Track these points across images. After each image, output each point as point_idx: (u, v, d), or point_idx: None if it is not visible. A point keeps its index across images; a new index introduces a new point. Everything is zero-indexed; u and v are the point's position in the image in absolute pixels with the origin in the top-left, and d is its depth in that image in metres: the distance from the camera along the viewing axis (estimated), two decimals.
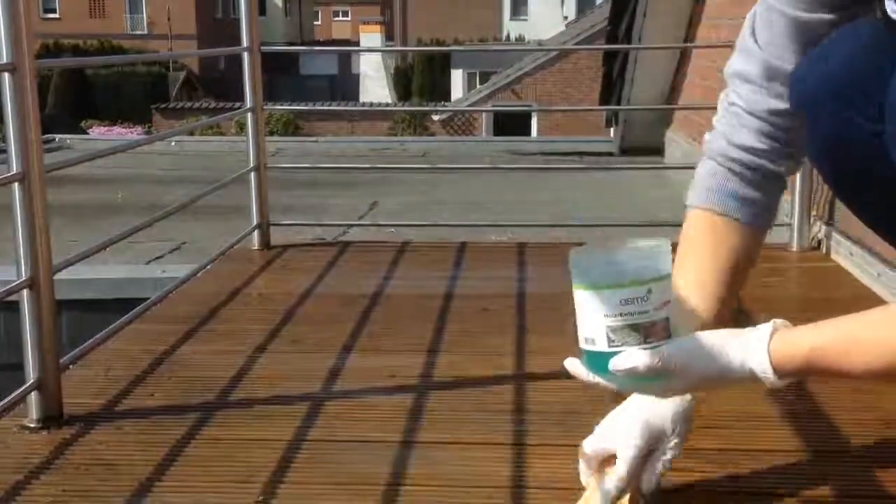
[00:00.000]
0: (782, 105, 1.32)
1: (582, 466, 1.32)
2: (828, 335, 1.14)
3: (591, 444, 1.31)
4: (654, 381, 1.18)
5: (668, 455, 1.29)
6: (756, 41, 1.33)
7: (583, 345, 1.23)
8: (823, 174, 1.37)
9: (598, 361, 1.20)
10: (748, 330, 1.17)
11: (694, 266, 1.36)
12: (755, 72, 1.33)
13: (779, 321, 1.17)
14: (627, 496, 1.28)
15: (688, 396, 1.30)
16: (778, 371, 1.13)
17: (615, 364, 1.18)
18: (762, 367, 1.14)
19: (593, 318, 1.19)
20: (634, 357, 1.16)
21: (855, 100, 1.20)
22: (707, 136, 1.41)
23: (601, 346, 1.19)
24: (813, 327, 1.15)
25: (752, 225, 1.37)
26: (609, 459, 1.29)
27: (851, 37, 1.22)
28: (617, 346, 1.18)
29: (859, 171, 1.23)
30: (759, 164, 1.36)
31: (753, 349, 1.15)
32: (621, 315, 1.17)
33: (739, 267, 1.38)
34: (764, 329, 1.16)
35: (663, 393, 1.23)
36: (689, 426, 1.30)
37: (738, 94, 1.36)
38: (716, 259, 1.37)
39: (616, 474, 1.27)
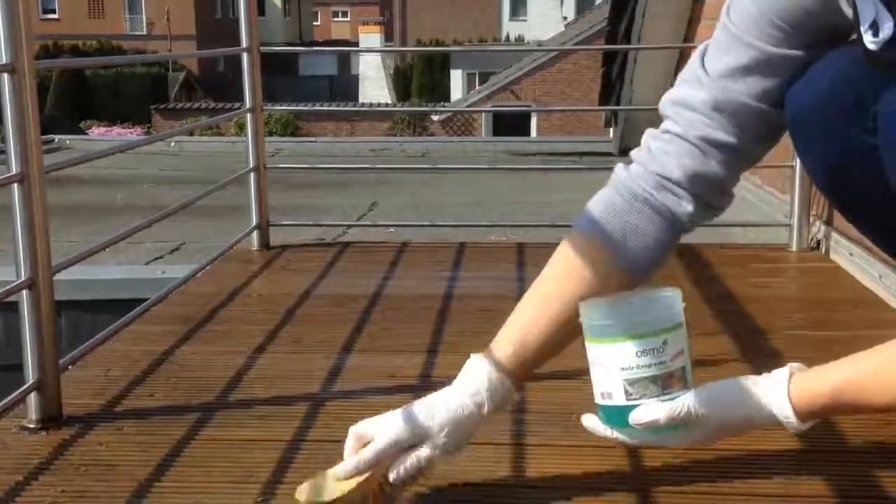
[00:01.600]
0: (723, 137, 1.24)
1: (347, 444, 1.28)
2: (847, 374, 1.12)
3: (361, 426, 1.28)
4: (674, 431, 1.17)
5: (423, 454, 1.24)
6: (706, 71, 1.26)
7: (599, 400, 1.21)
8: (823, 190, 1.34)
9: (616, 416, 1.19)
10: (765, 376, 1.16)
11: (548, 297, 1.33)
12: (701, 100, 1.25)
13: (795, 365, 1.16)
14: (358, 480, 1.23)
15: (467, 410, 1.27)
16: (800, 415, 1.12)
17: (636, 418, 1.16)
18: (783, 412, 1.13)
19: (609, 371, 1.17)
20: (655, 410, 1.15)
21: (851, 113, 1.17)
22: (617, 167, 1.33)
23: (619, 399, 1.17)
24: (831, 367, 1.14)
25: (627, 270, 1.28)
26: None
27: (842, 55, 1.19)
28: (635, 399, 1.16)
29: (858, 185, 1.22)
30: (665, 200, 1.27)
31: (773, 395, 1.13)
32: (638, 367, 1.15)
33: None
34: (782, 374, 1.15)
35: (684, 443, 1.21)
36: (460, 440, 1.27)
37: (676, 121, 1.28)
38: (573, 300, 1.28)
39: (357, 457, 1.24)
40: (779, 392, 1.14)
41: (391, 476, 1.25)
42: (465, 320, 2.24)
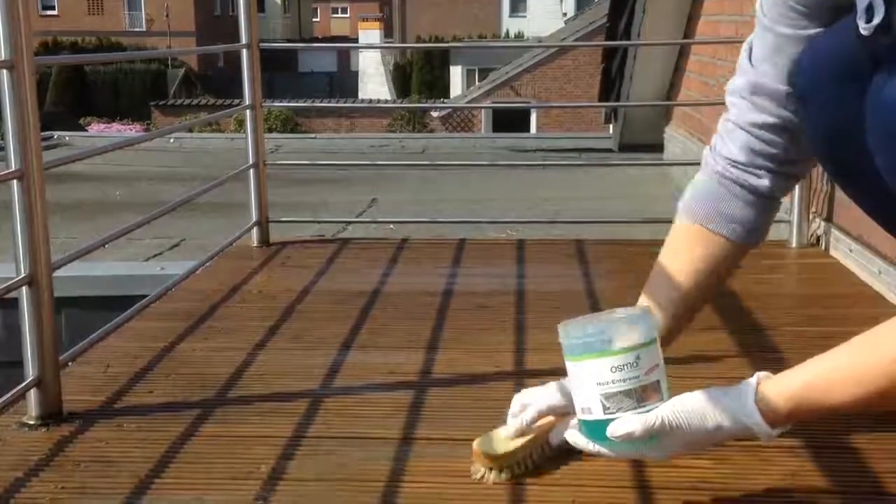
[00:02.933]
0: (765, 118, 1.37)
1: (511, 409, 1.40)
2: (808, 374, 1.16)
3: (523, 394, 1.41)
4: (651, 443, 1.21)
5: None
6: (750, 60, 1.38)
7: (580, 415, 1.27)
8: (822, 161, 1.39)
9: (595, 430, 1.24)
10: (735, 386, 1.20)
11: (671, 269, 1.43)
12: (743, 86, 1.39)
13: (762, 374, 1.20)
14: (523, 441, 1.37)
15: None
16: (769, 421, 1.16)
17: (612, 430, 1.21)
18: (753, 420, 1.16)
19: (587, 387, 1.24)
20: (631, 422, 1.20)
21: (848, 85, 1.22)
22: (705, 151, 1.46)
23: (597, 414, 1.23)
24: (793, 371, 1.18)
25: (735, 242, 1.44)
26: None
27: (843, 28, 1.23)
28: (612, 412, 1.22)
29: (857, 154, 1.23)
30: (744, 179, 1.41)
31: (742, 403, 1.17)
32: (613, 382, 1.21)
33: (714, 277, 1.45)
34: (749, 382, 1.19)
35: (663, 454, 1.24)
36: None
37: (731, 109, 1.42)
38: (693, 264, 1.44)
39: (519, 418, 1.37)
40: (747, 400, 1.17)
41: (552, 439, 1.39)
42: (465, 317, 2.24)
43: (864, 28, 1.12)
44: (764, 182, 1.40)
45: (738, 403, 1.17)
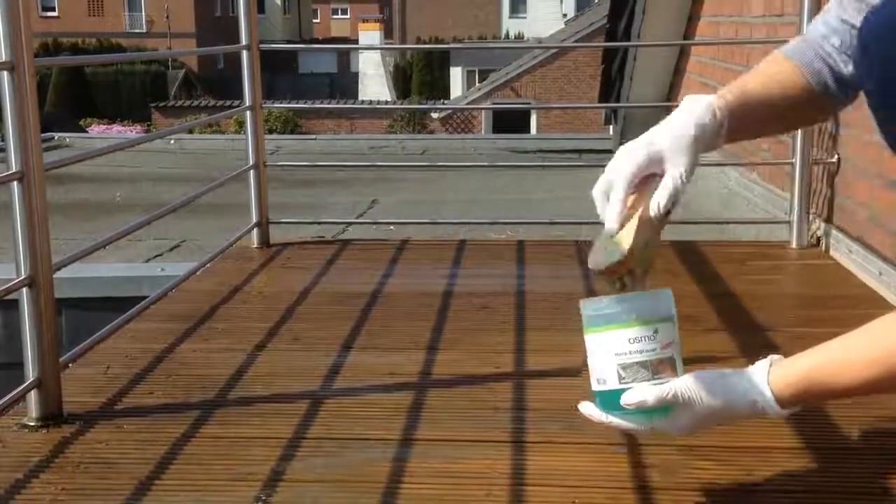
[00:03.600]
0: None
1: (597, 203, 1.28)
2: (819, 357, 1.17)
3: (599, 183, 1.28)
4: (663, 415, 1.23)
5: (670, 176, 1.24)
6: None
7: (595, 386, 1.28)
8: (876, 108, 1.35)
9: (610, 399, 1.26)
10: (748, 367, 1.21)
11: (758, 81, 1.35)
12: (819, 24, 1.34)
13: (775, 356, 1.21)
14: (630, 228, 1.23)
15: (690, 127, 1.26)
16: (780, 400, 1.17)
17: (626, 399, 1.23)
18: (764, 397, 1.18)
19: (604, 358, 1.26)
20: (645, 391, 1.22)
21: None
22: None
23: (612, 384, 1.25)
24: (805, 353, 1.19)
25: (826, 94, 1.35)
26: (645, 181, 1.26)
27: None
28: (627, 382, 1.24)
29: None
30: (833, 57, 1.33)
31: (754, 382, 1.19)
32: (630, 353, 1.24)
33: (799, 111, 1.37)
34: (762, 363, 1.20)
35: (675, 428, 1.25)
36: (690, 158, 1.26)
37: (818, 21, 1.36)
38: (783, 90, 1.35)
39: (609, 204, 1.25)
40: (759, 380, 1.19)
41: (652, 209, 1.24)
42: (465, 317, 2.24)
43: None
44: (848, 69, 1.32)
45: (750, 382, 1.19)
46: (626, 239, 1.23)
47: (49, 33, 32.33)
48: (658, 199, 1.24)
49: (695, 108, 1.29)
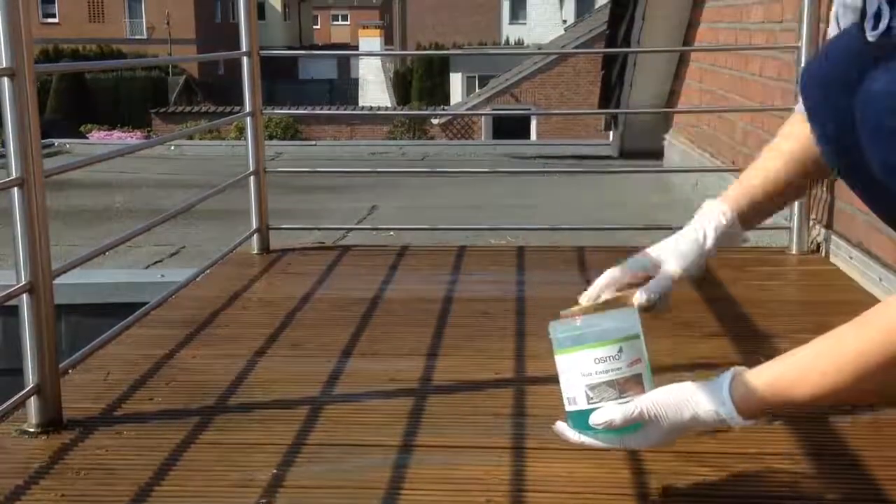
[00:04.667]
0: None
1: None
2: (777, 369, 1.19)
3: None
4: (633, 432, 1.26)
5: (659, 278, 1.37)
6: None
7: (566, 406, 1.32)
8: (827, 160, 1.38)
9: (580, 419, 1.30)
10: (712, 379, 1.23)
11: (774, 155, 1.42)
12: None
13: (739, 368, 1.23)
14: (601, 302, 1.38)
15: (690, 239, 1.40)
16: (742, 412, 1.19)
17: (594, 419, 1.27)
18: (726, 410, 1.20)
19: (573, 379, 1.30)
20: (611, 411, 1.25)
21: (846, 88, 1.22)
22: None
23: (581, 404, 1.29)
24: (765, 366, 1.20)
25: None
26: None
27: (852, 33, 1.23)
28: (595, 402, 1.27)
29: (861, 157, 1.24)
30: None
31: (717, 395, 1.21)
32: (597, 373, 1.27)
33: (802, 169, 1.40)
34: (726, 375, 1.22)
35: (646, 443, 1.28)
36: (688, 265, 1.39)
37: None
38: (791, 157, 1.40)
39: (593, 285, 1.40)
40: (721, 391, 1.20)
41: (635, 299, 1.37)
42: (466, 323, 2.24)
43: (870, 35, 1.13)
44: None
45: (713, 394, 1.21)
46: (591, 309, 1.36)
47: (50, 39, 32.34)
48: (642, 291, 1.37)
49: (703, 219, 1.41)
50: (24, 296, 1.58)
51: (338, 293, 2.54)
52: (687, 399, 1.23)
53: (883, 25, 1.11)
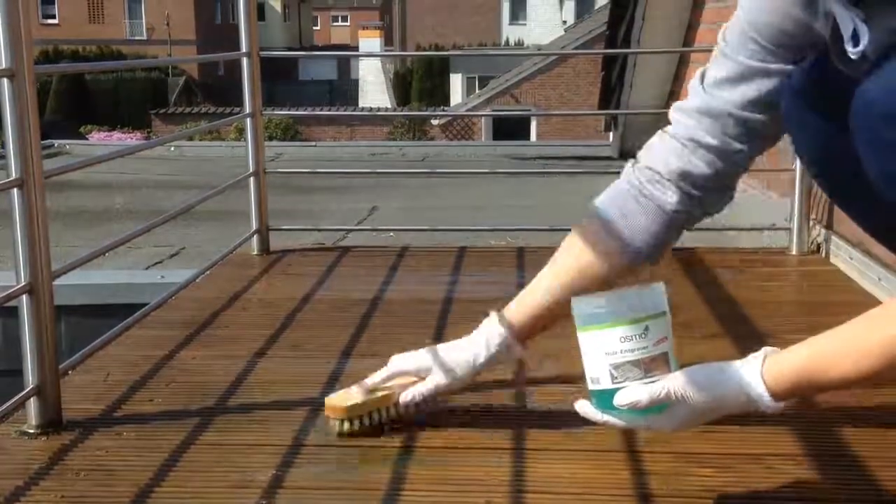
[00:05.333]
0: (706, 139, 1.40)
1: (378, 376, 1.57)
2: (816, 348, 1.18)
3: (392, 360, 1.58)
4: (658, 412, 1.24)
5: (423, 385, 1.54)
6: (702, 83, 1.43)
7: (589, 385, 1.30)
8: (818, 182, 1.41)
9: (604, 399, 1.27)
10: (744, 359, 1.22)
11: (559, 265, 1.54)
12: (693, 106, 1.43)
13: (769, 348, 1.22)
14: (375, 396, 1.55)
15: (463, 357, 1.55)
16: (773, 393, 1.18)
17: (619, 399, 1.25)
18: (757, 391, 1.19)
19: (597, 358, 1.27)
20: (637, 392, 1.23)
21: (827, 110, 1.25)
22: (628, 162, 1.52)
23: (605, 384, 1.26)
24: (798, 347, 1.20)
25: (623, 255, 1.47)
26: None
27: (822, 60, 1.26)
28: (620, 382, 1.24)
29: (849, 173, 1.24)
30: (650, 190, 1.44)
31: (748, 375, 1.19)
32: (621, 352, 1.24)
33: (595, 283, 1.47)
34: (757, 355, 1.21)
35: (670, 425, 1.26)
36: (454, 380, 1.55)
37: (673, 124, 1.45)
38: (579, 269, 1.50)
39: (371, 377, 1.56)
40: (753, 372, 1.19)
41: (400, 398, 1.55)
42: (465, 324, 2.22)
43: (852, 53, 1.15)
44: (671, 199, 1.43)
45: (743, 376, 1.19)
46: (357, 399, 1.54)
47: (49, 40, 32.35)
48: (405, 395, 1.55)
49: (481, 339, 1.55)
50: (24, 297, 1.58)
51: (338, 294, 2.54)
52: (716, 379, 1.21)
53: (863, 43, 1.13)
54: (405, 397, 1.54)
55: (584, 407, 1.33)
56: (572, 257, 1.50)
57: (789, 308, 2.44)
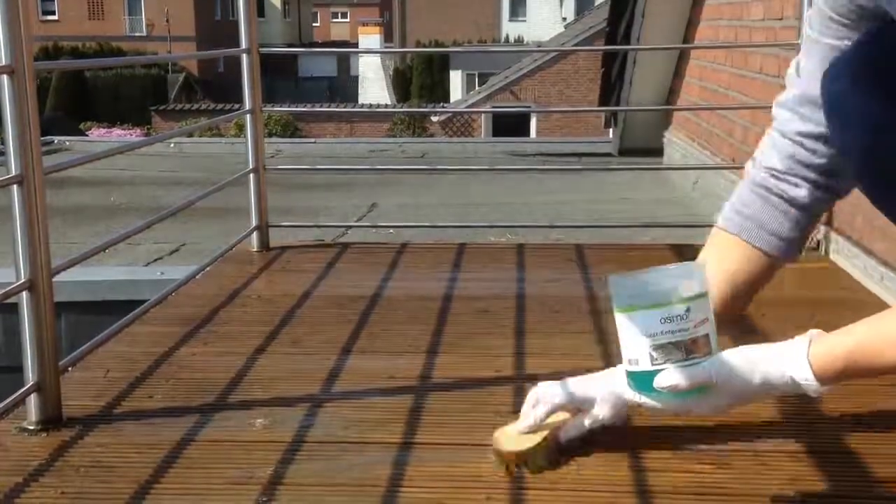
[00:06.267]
0: (811, 127, 1.37)
1: (525, 403, 1.43)
2: (862, 335, 1.16)
3: (538, 388, 1.42)
4: (698, 396, 1.22)
5: (585, 420, 1.38)
6: (798, 71, 1.40)
7: (627, 367, 1.27)
8: (863, 185, 1.36)
9: (642, 381, 1.24)
10: (785, 342, 1.20)
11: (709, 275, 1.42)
12: (791, 97, 1.40)
13: (814, 331, 1.21)
14: (542, 435, 1.39)
15: (620, 389, 1.37)
16: (819, 377, 1.16)
17: (659, 382, 1.22)
18: (803, 375, 1.17)
19: (635, 339, 1.23)
20: (677, 375, 1.21)
21: (875, 94, 1.21)
22: (748, 162, 1.48)
23: (644, 365, 1.23)
24: (846, 331, 1.18)
25: (770, 254, 1.43)
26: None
27: (877, 33, 1.23)
28: (660, 363, 1.22)
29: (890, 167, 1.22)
30: (781, 189, 1.40)
31: (793, 359, 1.18)
32: (662, 333, 1.21)
33: (744, 288, 1.44)
34: (802, 339, 1.20)
35: (709, 408, 1.24)
36: (614, 414, 1.37)
37: (776, 119, 1.43)
38: (726, 274, 1.42)
39: (532, 415, 1.40)
40: (798, 356, 1.17)
41: (561, 435, 1.40)
42: (465, 321, 2.24)
43: None
44: (801, 192, 1.40)
45: (788, 358, 1.18)
46: (530, 441, 1.38)
47: (49, 37, 32.33)
48: (566, 435, 1.40)
49: (613, 371, 1.38)
50: (24, 293, 1.58)
51: (337, 290, 2.54)
52: (758, 362, 1.19)
53: None
54: (563, 434, 1.42)
55: (619, 388, 1.31)
56: (713, 268, 1.43)
57: (790, 306, 2.43)
